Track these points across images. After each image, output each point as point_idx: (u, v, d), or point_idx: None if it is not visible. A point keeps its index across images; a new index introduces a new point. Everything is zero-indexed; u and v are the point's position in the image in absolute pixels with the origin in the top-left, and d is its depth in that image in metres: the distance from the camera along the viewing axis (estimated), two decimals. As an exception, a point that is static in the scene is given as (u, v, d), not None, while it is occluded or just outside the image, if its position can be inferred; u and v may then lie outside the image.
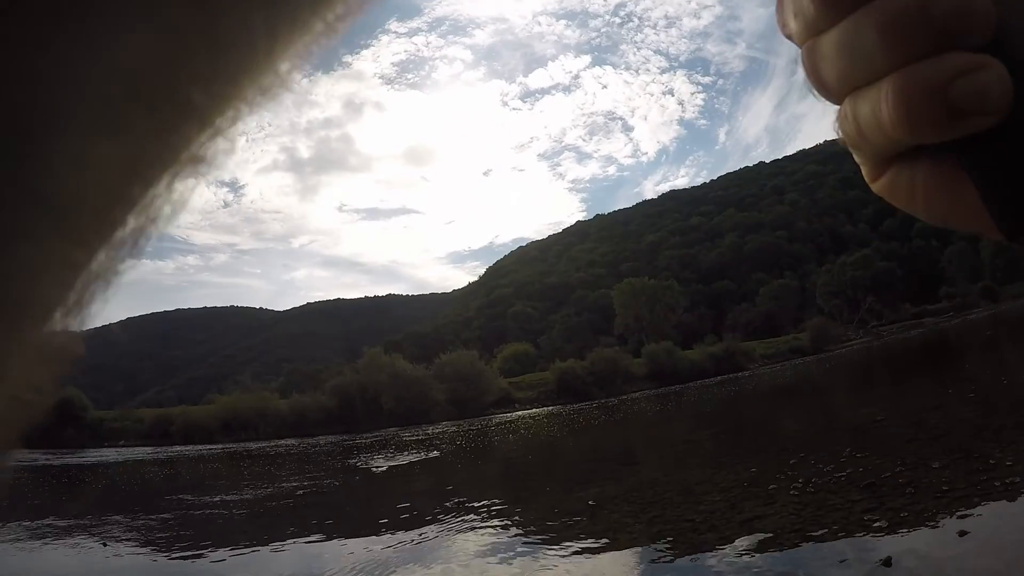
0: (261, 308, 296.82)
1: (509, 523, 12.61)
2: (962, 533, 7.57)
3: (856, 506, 9.53)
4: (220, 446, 44.54)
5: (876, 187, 0.47)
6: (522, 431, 35.75)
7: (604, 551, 9.66)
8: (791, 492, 11.04)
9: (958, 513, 8.27)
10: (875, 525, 8.52)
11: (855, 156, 0.47)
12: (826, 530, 8.81)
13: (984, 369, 26.13)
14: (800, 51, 0.44)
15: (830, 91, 0.44)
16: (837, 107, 0.44)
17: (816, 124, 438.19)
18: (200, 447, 44.00)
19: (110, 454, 41.85)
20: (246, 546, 12.68)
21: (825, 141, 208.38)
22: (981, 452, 11.10)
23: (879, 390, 27.52)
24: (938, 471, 10.47)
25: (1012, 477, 9.27)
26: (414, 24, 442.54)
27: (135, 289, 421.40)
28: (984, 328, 49.75)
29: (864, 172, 0.48)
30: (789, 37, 0.46)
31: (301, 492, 19.95)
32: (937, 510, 8.57)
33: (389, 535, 12.48)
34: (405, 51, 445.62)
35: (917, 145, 0.41)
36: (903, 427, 15.78)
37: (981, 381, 21.79)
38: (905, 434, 14.69)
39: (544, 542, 10.68)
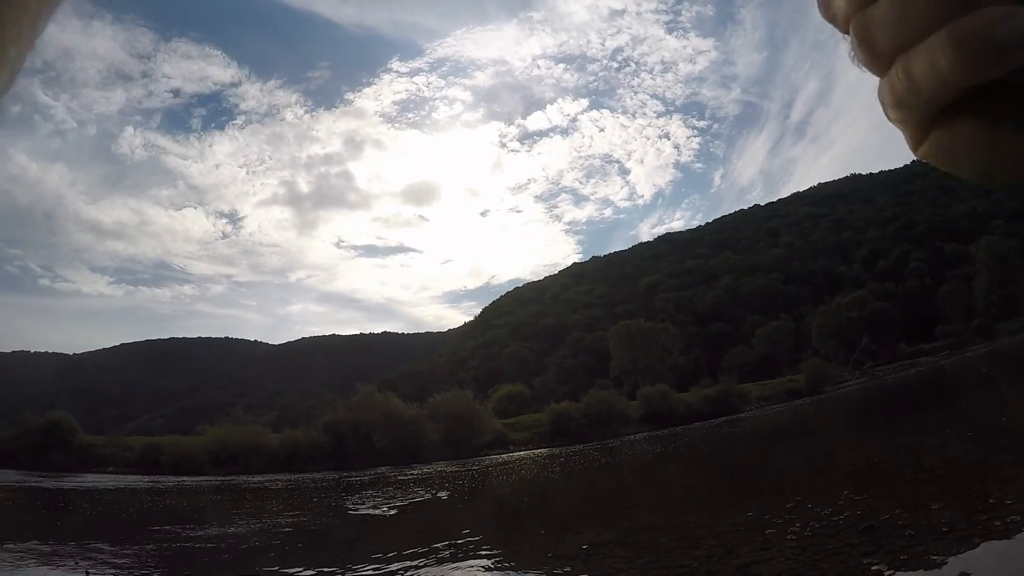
0: (256, 341, 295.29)
1: (501, 566, 12.37)
2: (963, 575, 7.37)
3: (855, 550, 9.31)
4: (210, 478, 44.09)
5: (920, 152, 0.52)
6: (516, 473, 35.38)
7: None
8: (788, 536, 10.82)
9: (959, 554, 8.08)
10: (874, 569, 8.32)
11: (899, 125, 0.53)
12: None
13: (981, 407, 25.97)
14: (851, 27, 0.50)
15: (882, 56, 0.49)
16: (880, 79, 0.50)
17: (810, 167, 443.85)
18: (189, 478, 43.56)
19: (98, 480, 41.47)
20: None
21: (819, 184, 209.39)
22: (980, 491, 10.93)
23: (876, 431, 27.28)
24: (937, 512, 10.27)
25: (1012, 516, 9.09)
26: (416, 64, 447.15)
27: (131, 316, 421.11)
28: (980, 365, 49.64)
29: (908, 139, 0.53)
30: (831, 20, 0.52)
31: (289, 529, 19.69)
32: (938, 551, 8.38)
33: (375, 573, 12.25)
34: (406, 90, 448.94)
35: (959, 103, 0.47)
36: (901, 468, 15.60)
37: (979, 419, 21.63)
38: (903, 475, 14.50)
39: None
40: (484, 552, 13.92)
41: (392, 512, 22.40)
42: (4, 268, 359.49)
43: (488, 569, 12.11)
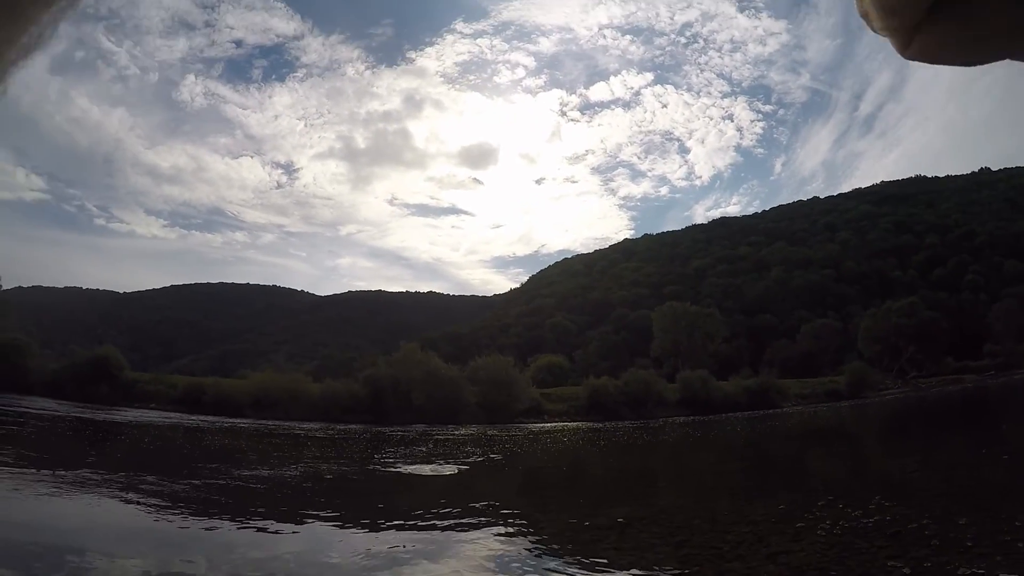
0: (303, 291, 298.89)
1: (535, 532, 12.98)
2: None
3: (881, 552, 9.81)
4: (249, 420, 45.30)
5: (908, 54, 0.58)
6: (552, 443, 35.96)
7: (632, 567, 9.99)
8: (818, 532, 11.28)
9: (980, 569, 8.55)
10: (899, 572, 8.80)
11: (885, 32, 0.59)
12: (851, 572, 9.12)
13: (1021, 433, 25.99)
14: None
15: None
16: None
17: (874, 163, 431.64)
18: (230, 419, 44.72)
19: (142, 414, 42.83)
20: (264, 521, 13.25)
21: (882, 182, 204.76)
22: (1008, 513, 11.30)
23: (913, 442, 27.44)
24: (964, 527, 10.70)
25: (1036, 541, 9.52)
26: (480, 26, 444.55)
27: (183, 258, 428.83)
28: (1026, 390, 49.03)
29: (894, 44, 0.58)
30: None
31: (324, 476, 20.47)
32: (959, 564, 8.84)
33: (404, 530, 12.77)
34: (469, 52, 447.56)
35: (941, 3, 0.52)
36: (933, 481, 15.95)
37: (1017, 444, 21.77)
38: (935, 488, 14.88)
39: (570, 553, 10.96)
40: (519, 515, 14.58)
41: (425, 469, 22.97)
42: (62, 207, 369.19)
43: (522, 536, 12.65)
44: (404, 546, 11.46)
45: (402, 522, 13.37)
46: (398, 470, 22.55)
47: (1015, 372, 73.66)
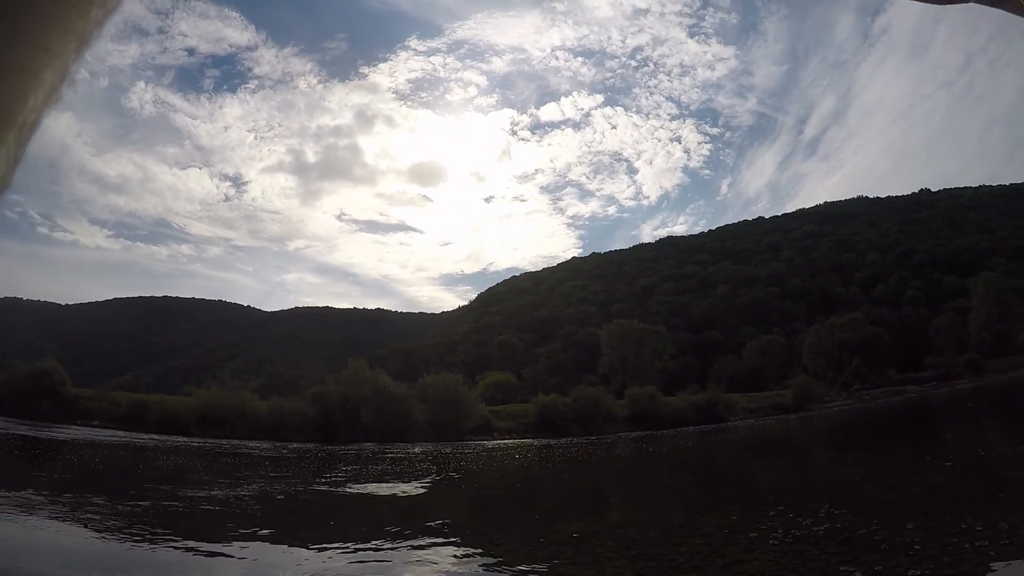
0: (249, 306, 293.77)
1: (492, 549, 12.88)
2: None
3: (833, 558, 9.93)
4: (195, 440, 44.37)
5: None
6: (503, 460, 35.85)
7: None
8: (771, 541, 11.41)
9: (928, 570, 8.67)
10: (850, 576, 8.89)
11: None
12: (804, 578, 9.18)
13: (963, 440, 26.61)
14: None
15: None
16: None
17: (818, 185, 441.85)
18: (175, 438, 43.75)
19: (85, 432, 41.68)
20: (213, 544, 12.92)
21: (825, 202, 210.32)
22: (953, 517, 11.52)
23: (859, 452, 27.92)
24: (912, 531, 10.88)
25: (981, 541, 9.72)
26: (433, 44, 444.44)
27: (126, 271, 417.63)
28: (966, 399, 50.31)
29: None
30: None
31: (275, 496, 20.15)
32: (909, 566, 8.98)
33: (358, 551, 12.57)
34: (422, 69, 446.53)
35: None
36: (880, 489, 16.19)
37: (959, 451, 22.25)
38: (882, 495, 15.10)
39: (528, 570, 10.88)
40: (473, 532, 14.45)
41: (374, 488, 22.72)
42: (3, 214, 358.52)
43: (479, 554, 12.56)
44: (353, 563, 11.31)
45: (355, 543, 13.13)
46: (351, 490, 22.21)
47: (956, 383, 75.71)
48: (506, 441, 52.29)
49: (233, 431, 48.65)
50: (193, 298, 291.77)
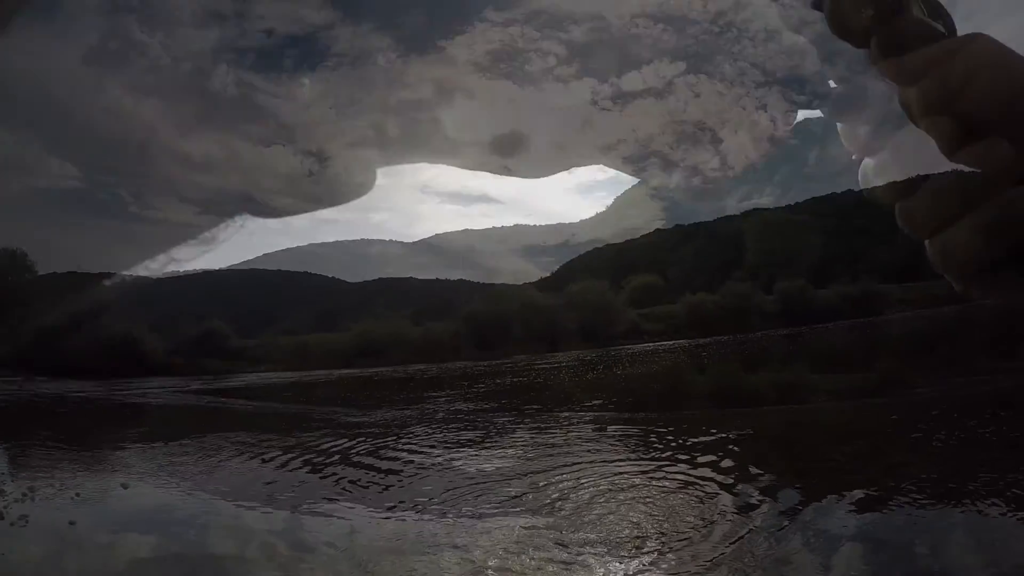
0: (334, 278, 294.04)
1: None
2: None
3: (999, 463, 9.45)
4: (357, 370, 45.25)
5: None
6: (657, 363, 34.77)
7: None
8: (934, 444, 11.24)
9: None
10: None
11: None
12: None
13: None
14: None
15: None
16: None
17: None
18: (338, 371, 44.65)
19: (255, 378, 42.96)
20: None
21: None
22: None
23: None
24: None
25: None
26: (511, 15, 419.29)
27: (215, 245, 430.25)
28: None
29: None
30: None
31: (442, 413, 20.06)
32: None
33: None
34: (500, 40, 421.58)
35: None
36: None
37: None
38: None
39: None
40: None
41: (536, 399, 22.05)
42: (96, 195, 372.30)
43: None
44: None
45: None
46: (505, 407, 21.19)
47: None
48: (659, 343, 51.64)
49: (391, 359, 49.79)
50: (280, 270, 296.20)
